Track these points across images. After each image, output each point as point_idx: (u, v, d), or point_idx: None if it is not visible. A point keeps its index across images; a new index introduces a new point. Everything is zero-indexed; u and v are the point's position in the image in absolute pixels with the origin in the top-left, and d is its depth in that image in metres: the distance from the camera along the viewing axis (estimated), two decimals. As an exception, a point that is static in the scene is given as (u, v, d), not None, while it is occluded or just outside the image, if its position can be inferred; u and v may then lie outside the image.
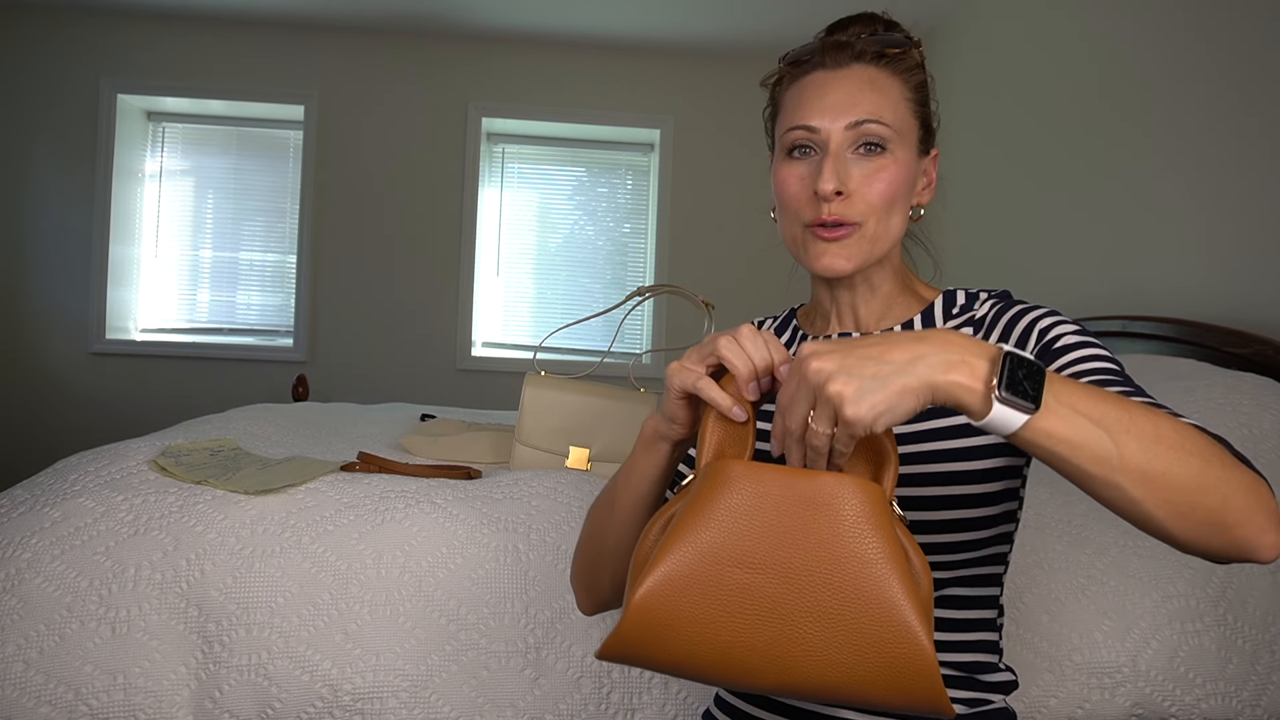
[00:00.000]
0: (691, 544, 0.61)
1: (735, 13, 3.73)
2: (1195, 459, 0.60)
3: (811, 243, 0.86)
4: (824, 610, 0.59)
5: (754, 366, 0.68)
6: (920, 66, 0.89)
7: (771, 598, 0.59)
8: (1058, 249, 2.74)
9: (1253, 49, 1.97)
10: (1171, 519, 0.60)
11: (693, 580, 0.60)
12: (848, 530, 0.60)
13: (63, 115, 3.99)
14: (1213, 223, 2.07)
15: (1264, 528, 0.60)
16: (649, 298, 1.72)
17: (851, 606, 0.59)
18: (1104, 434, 0.59)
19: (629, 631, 0.60)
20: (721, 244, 4.24)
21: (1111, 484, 0.60)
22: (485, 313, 4.32)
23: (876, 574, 0.59)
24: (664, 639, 0.60)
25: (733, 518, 0.61)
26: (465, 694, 1.11)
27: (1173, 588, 1.24)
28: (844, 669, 0.59)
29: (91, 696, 1.08)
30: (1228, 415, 1.48)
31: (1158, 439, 0.60)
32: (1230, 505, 0.60)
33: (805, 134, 0.86)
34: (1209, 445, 0.61)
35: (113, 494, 1.22)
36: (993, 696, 0.84)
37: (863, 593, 0.59)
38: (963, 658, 0.84)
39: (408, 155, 4.15)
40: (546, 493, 1.30)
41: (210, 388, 4.06)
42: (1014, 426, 0.58)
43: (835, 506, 0.60)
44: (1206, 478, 0.60)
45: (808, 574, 0.59)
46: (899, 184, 0.85)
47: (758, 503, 0.61)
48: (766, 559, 0.60)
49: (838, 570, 0.59)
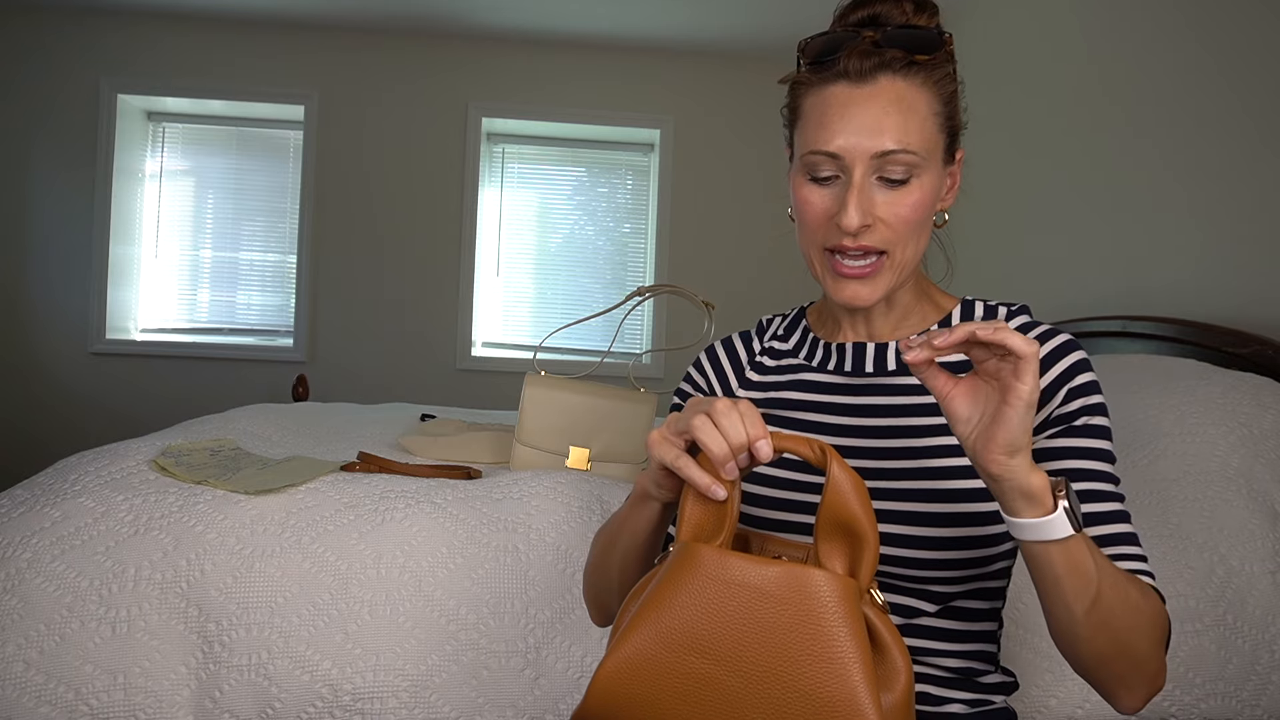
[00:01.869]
0: (652, 628, 0.61)
1: (735, 13, 3.73)
2: (1140, 633, 0.71)
3: (832, 275, 0.83)
4: (778, 707, 0.58)
5: (728, 448, 0.66)
6: (951, 73, 0.84)
7: (727, 689, 0.59)
8: (1058, 249, 2.74)
9: (1253, 49, 1.97)
10: (1089, 660, 0.72)
11: (650, 664, 0.60)
12: (810, 626, 0.59)
13: (63, 115, 3.99)
14: (1213, 223, 2.07)
15: (1139, 697, 0.74)
16: (649, 298, 1.72)
17: (806, 706, 0.58)
18: (1095, 576, 0.67)
19: (591, 708, 0.62)
20: (722, 244, 4.24)
21: (1074, 618, 0.69)
22: (485, 313, 4.32)
23: (834, 673, 0.58)
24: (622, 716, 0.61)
25: (695, 605, 0.61)
26: (465, 694, 1.11)
27: (1172, 588, 1.24)
28: None
29: (92, 696, 1.08)
30: (1228, 415, 1.48)
31: (1125, 602, 0.69)
32: (1134, 674, 0.72)
33: (827, 159, 0.81)
34: (1158, 625, 0.72)
35: (113, 494, 1.22)
36: (993, 697, 0.85)
37: (819, 692, 0.58)
38: (962, 663, 0.84)
39: (408, 155, 4.15)
40: (546, 493, 1.30)
41: (210, 388, 4.06)
42: (1054, 536, 0.65)
43: (801, 602, 0.59)
44: (1137, 650, 0.71)
45: (765, 668, 0.59)
46: (925, 207, 0.81)
47: (723, 591, 0.61)
48: (725, 650, 0.60)
49: (796, 667, 0.58)
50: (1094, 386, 0.81)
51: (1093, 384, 0.81)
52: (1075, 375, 0.81)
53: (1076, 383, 0.81)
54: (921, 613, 0.83)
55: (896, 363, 0.89)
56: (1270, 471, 1.40)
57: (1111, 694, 0.74)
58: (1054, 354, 0.82)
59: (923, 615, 0.83)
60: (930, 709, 0.82)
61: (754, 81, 4.25)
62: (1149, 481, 1.41)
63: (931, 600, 0.82)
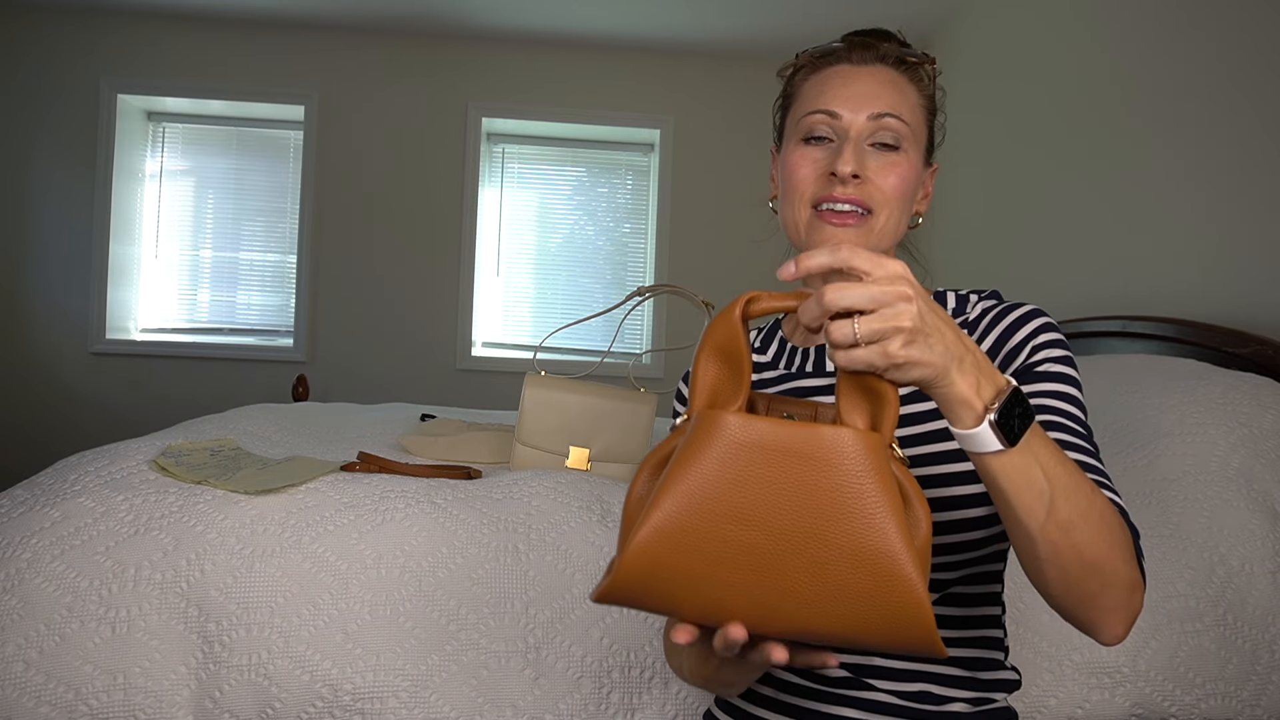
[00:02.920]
0: (683, 498, 0.59)
1: (735, 13, 3.73)
2: (1104, 545, 0.67)
3: (817, 227, 0.86)
4: (819, 564, 0.58)
5: None
6: (932, 82, 0.92)
7: (765, 553, 0.58)
8: (1057, 249, 2.74)
9: (1253, 48, 1.97)
10: (1057, 584, 0.68)
11: (684, 534, 0.59)
12: (844, 484, 0.58)
13: (63, 115, 3.99)
14: (1213, 223, 2.07)
15: (1119, 621, 0.70)
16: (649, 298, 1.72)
17: (847, 561, 0.58)
18: (1047, 491, 0.64)
19: (622, 583, 0.60)
20: (721, 244, 4.24)
21: (1029, 535, 0.65)
22: (485, 313, 4.32)
23: (873, 527, 0.58)
24: (656, 590, 0.60)
25: (726, 471, 0.59)
26: (465, 694, 1.11)
27: (1172, 588, 1.24)
28: (838, 619, 0.59)
29: (91, 696, 1.08)
30: (1228, 415, 1.48)
31: (1087, 515, 0.66)
32: (1106, 594, 0.68)
33: (826, 119, 0.86)
34: (1121, 538, 0.68)
35: (113, 494, 1.22)
36: (995, 695, 0.85)
37: (858, 547, 0.58)
38: (969, 653, 0.84)
39: (408, 155, 4.14)
40: (546, 493, 1.30)
41: (210, 388, 4.06)
42: (984, 449, 0.62)
43: (831, 460, 0.58)
44: (1103, 564, 0.67)
45: (803, 529, 0.58)
46: (910, 182, 0.86)
47: (752, 456, 0.59)
48: (760, 515, 0.59)
49: (833, 526, 0.58)
50: (1057, 342, 0.83)
51: (1056, 340, 0.83)
52: (1039, 334, 0.83)
53: (1038, 338, 0.83)
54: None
55: None
56: (1270, 471, 1.40)
57: (1090, 622, 0.71)
58: (1020, 320, 0.85)
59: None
60: (932, 708, 0.82)
61: (754, 81, 4.25)
62: (1149, 481, 1.41)
63: (930, 589, 0.83)
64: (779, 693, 0.86)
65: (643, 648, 1.15)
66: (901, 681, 0.82)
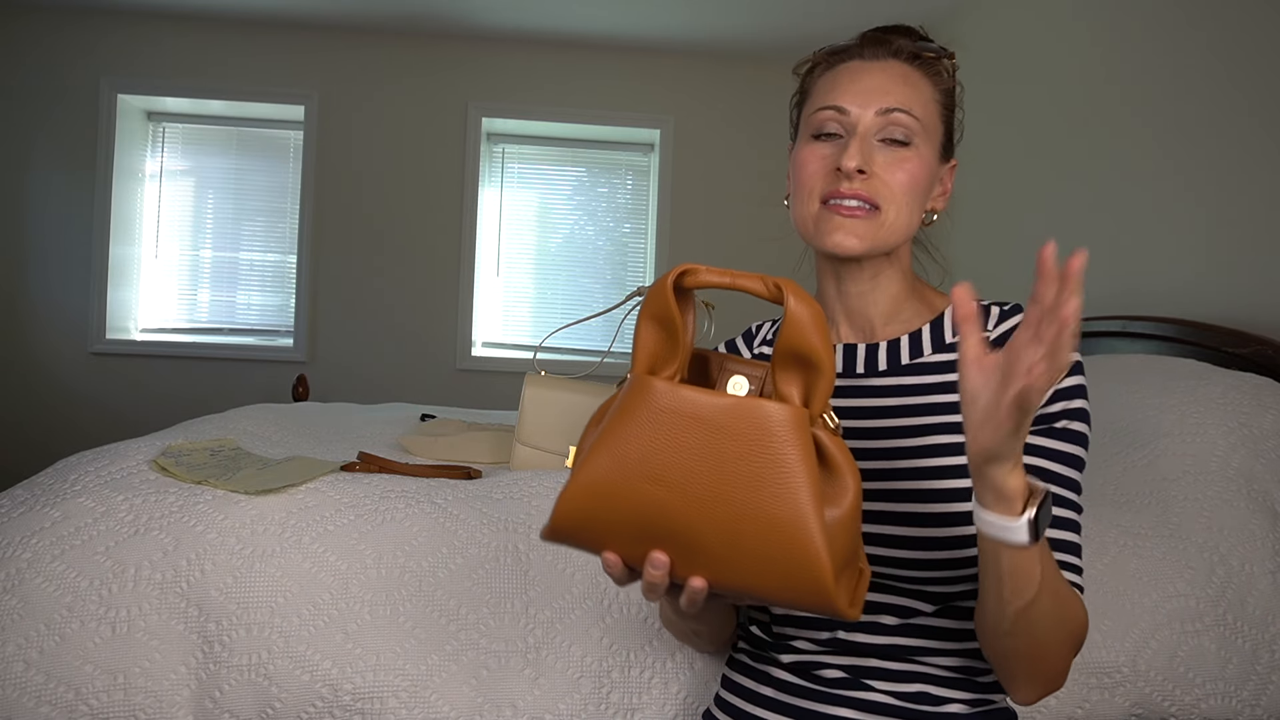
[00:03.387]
0: (606, 455, 0.65)
1: (735, 13, 3.73)
2: (1055, 644, 0.72)
3: (826, 219, 0.85)
4: (726, 527, 0.62)
5: None
6: (952, 88, 0.91)
7: (680, 513, 0.63)
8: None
9: (1253, 49, 1.97)
10: (1001, 653, 0.74)
11: (608, 488, 0.65)
12: (753, 453, 0.62)
13: (63, 115, 3.99)
14: (1213, 223, 2.07)
15: (1033, 693, 0.77)
16: (649, 298, 1.71)
17: (752, 525, 0.62)
18: (1037, 587, 0.67)
19: (558, 527, 0.67)
20: (721, 244, 4.24)
21: (1000, 611, 0.70)
22: (485, 313, 4.32)
23: (785, 496, 0.61)
24: (588, 534, 0.67)
25: (646, 434, 0.64)
26: (465, 694, 1.11)
27: (1172, 588, 1.24)
28: (744, 575, 0.64)
29: (92, 696, 1.08)
30: (1228, 415, 1.48)
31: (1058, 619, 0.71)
32: (1037, 674, 0.74)
33: (834, 115, 0.86)
34: (1072, 642, 0.74)
35: (113, 494, 1.22)
36: (994, 696, 0.85)
37: (769, 513, 0.62)
38: (964, 662, 0.84)
39: (408, 155, 4.15)
40: (546, 493, 1.30)
41: (210, 388, 4.06)
42: (1014, 540, 0.64)
43: (751, 432, 0.62)
44: (1047, 656, 0.73)
45: (716, 494, 0.62)
46: (920, 178, 0.85)
47: (671, 421, 0.64)
48: (677, 478, 0.63)
49: (746, 493, 0.62)
50: (1080, 391, 0.82)
51: (1079, 388, 0.82)
52: (1073, 396, 0.82)
53: (1073, 402, 0.82)
54: (919, 612, 0.83)
55: (888, 363, 0.89)
56: (1270, 471, 1.40)
57: (1010, 684, 0.77)
58: None
59: (920, 615, 0.83)
60: (930, 709, 0.82)
61: (754, 81, 4.25)
62: (1149, 481, 1.41)
63: (929, 600, 0.83)
64: (778, 693, 0.86)
65: (643, 648, 1.15)
66: (899, 682, 0.82)
